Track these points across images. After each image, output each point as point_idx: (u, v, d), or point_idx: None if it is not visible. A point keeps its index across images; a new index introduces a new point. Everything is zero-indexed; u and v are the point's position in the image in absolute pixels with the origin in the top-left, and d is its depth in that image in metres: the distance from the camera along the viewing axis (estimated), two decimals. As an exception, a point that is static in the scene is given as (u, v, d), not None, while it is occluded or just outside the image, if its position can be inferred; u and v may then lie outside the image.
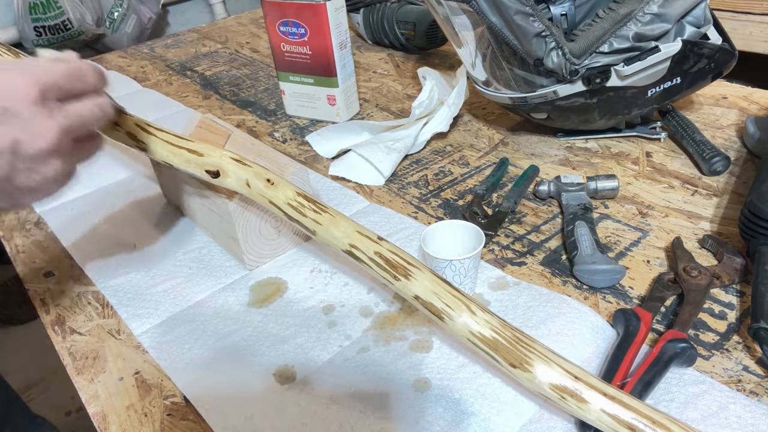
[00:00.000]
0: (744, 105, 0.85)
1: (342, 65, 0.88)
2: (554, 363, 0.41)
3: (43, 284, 0.63)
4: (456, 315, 0.45)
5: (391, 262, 0.48)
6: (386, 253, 0.49)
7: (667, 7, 0.66)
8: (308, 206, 0.53)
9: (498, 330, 0.43)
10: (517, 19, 0.66)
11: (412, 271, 0.47)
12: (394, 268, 0.48)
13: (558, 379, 0.41)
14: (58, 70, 0.41)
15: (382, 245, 0.49)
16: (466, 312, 0.44)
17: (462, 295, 0.46)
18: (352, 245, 0.50)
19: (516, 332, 0.44)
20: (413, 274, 0.47)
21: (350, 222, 0.52)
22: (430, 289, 0.46)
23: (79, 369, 0.52)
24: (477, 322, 0.44)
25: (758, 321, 0.46)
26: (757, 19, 1.36)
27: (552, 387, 0.41)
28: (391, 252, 0.49)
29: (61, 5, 1.83)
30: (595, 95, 0.71)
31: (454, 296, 0.46)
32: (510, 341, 0.43)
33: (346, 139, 0.84)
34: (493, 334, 0.43)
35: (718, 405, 0.43)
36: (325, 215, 0.52)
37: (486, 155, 0.80)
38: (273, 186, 0.54)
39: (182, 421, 0.47)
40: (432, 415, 0.45)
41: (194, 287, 0.60)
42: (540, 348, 0.43)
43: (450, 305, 0.45)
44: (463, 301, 0.45)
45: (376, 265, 0.49)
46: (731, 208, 0.65)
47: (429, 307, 0.46)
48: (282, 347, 0.52)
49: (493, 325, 0.44)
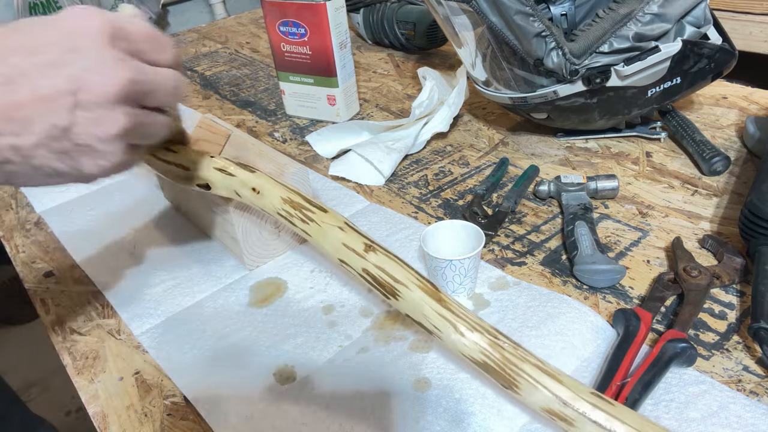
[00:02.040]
0: (744, 105, 0.85)
1: (342, 65, 0.88)
2: (541, 387, 0.40)
3: (43, 284, 0.63)
4: (445, 336, 0.44)
5: (378, 280, 0.46)
6: (372, 269, 0.46)
7: (667, 7, 0.66)
8: (296, 215, 0.50)
9: (487, 353, 0.42)
10: (517, 19, 0.66)
11: (398, 289, 0.45)
12: (382, 286, 0.46)
13: (546, 403, 0.40)
14: (139, 25, 0.38)
15: (368, 260, 0.46)
16: (454, 334, 0.43)
17: (452, 313, 0.44)
18: (342, 260, 0.48)
19: (506, 352, 0.42)
20: (400, 293, 0.45)
21: (337, 232, 0.48)
22: (418, 310, 0.45)
23: (79, 369, 0.52)
24: (466, 344, 0.43)
25: (758, 321, 0.46)
26: (757, 19, 1.36)
27: (541, 409, 0.41)
28: (378, 268, 0.46)
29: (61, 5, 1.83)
30: (595, 95, 0.71)
31: (442, 316, 0.44)
32: (499, 364, 0.42)
33: (346, 139, 0.84)
34: (483, 357, 0.42)
35: (718, 405, 0.43)
36: (312, 225, 0.49)
37: (486, 155, 0.80)
38: (259, 195, 0.52)
39: (182, 421, 0.47)
40: (432, 415, 0.45)
41: (194, 287, 0.60)
42: (530, 370, 0.41)
43: (438, 327, 0.44)
44: (451, 322, 0.43)
45: (366, 281, 0.47)
46: (731, 208, 0.65)
47: (421, 325, 0.45)
48: (282, 347, 0.52)
49: (481, 347, 0.42)
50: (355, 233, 0.48)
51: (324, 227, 0.49)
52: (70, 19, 0.36)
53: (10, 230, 0.73)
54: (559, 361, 0.48)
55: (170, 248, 0.66)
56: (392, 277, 0.46)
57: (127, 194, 0.77)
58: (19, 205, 0.78)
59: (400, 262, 0.47)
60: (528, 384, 0.40)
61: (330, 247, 0.49)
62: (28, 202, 0.78)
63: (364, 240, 0.48)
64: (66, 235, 0.70)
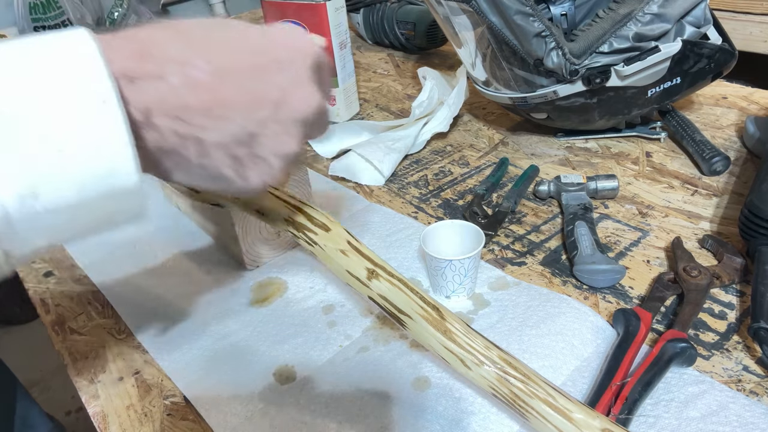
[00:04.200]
0: (744, 105, 0.85)
1: (342, 65, 0.88)
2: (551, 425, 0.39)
3: (43, 284, 0.63)
4: (454, 367, 0.44)
5: (384, 308, 0.46)
6: (377, 298, 0.46)
7: (667, 7, 0.66)
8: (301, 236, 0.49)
9: (495, 387, 0.42)
10: (517, 19, 0.66)
11: (404, 320, 0.45)
12: (389, 313, 0.46)
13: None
14: (326, 56, 0.39)
15: (372, 289, 0.45)
16: (462, 367, 0.43)
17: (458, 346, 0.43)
18: (348, 283, 0.48)
19: (514, 388, 0.41)
20: (406, 324, 0.45)
21: (340, 257, 0.47)
22: (425, 341, 0.45)
23: (79, 369, 0.52)
24: (473, 378, 0.43)
25: (758, 321, 0.46)
26: (757, 19, 1.36)
27: None
28: (381, 297, 0.45)
29: (61, 5, 1.83)
30: (595, 95, 0.71)
31: (448, 349, 0.43)
32: (508, 399, 0.41)
33: (346, 139, 0.84)
34: (492, 391, 0.42)
35: (718, 404, 0.43)
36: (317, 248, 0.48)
37: (486, 155, 0.80)
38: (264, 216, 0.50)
39: (182, 421, 0.47)
40: (432, 414, 0.45)
41: (194, 287, 0.60)
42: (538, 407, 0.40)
43: (445, 358, 0.44)
44: (457, 356, 0.43)
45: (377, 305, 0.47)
46: (731, 208, 0.65)
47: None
48: (282, 347, 0.52)
49: (490, 382, 0.42)
50: (357, 256, 0.47)
51: (327, 251, 0.48)
52: (285, 34, 0.36)
53: (10, 230, 0.73)
54: (558, 361, 0.48)
55: (170, 248, 0.66)
56: (396, 308, 0.45)
57: (127, 194, 0.77)
58: (19, 205, 0.78)
59: (404, 288, 0.45)
60: (537, 421, 0.40)
61: (335, 271, 0.48)
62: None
63: (367, 264, 0.46)
64: (66, 235, 0.70)
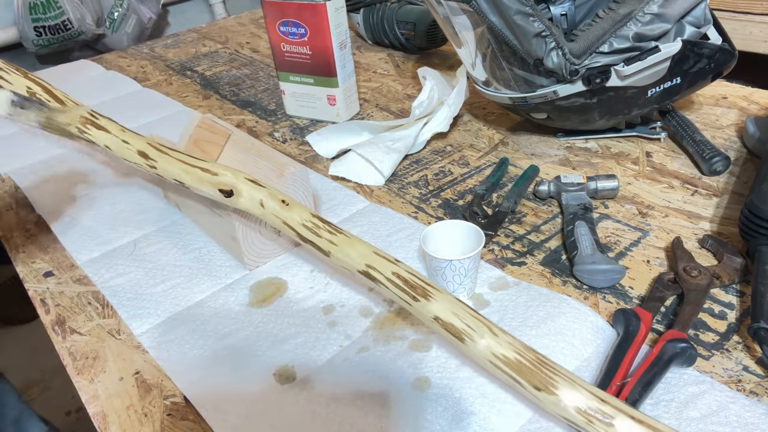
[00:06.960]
0: (744, 105, 0.85)
1: (342, 65, 0.88)
2: (580, 386, 0.40)
3: (43, 284, 0.63)
4: (477, 336, 0.44)
5: (409, 283, 0.48)
6: (404, 273, 0.49)
7: (667, 7, 0.66)
8: (323, 227, 0.53)
9: (521, 352, 0.42)
10: (517, 19, 0.66)
11: (431, 291, 0.47)
12: (413, 288, 0.47)
13: (584, 402, 0.40)
14: None
15: (399, 266, 0.49)
16: (488, 333, 0.43)
17: (482, 317, 0.45)
18: (369, 266, 0.50)
19: (539, 354, 0.43)
20: (432, 294, 0.47)
21: (366, 243, 0.52)
22: (450, 310, 0.45)
23: (79, 369, 0.52)
24: (499, 343, 0.43)
25: (758, 321, 0.46)
26: (757, 19, 1.36)
27: (578, 410, 0.40)
28: (410, 273, 0.49)
29: (61, 5, 1.83)
30: (595, 95, 0.71)
31: (475, 317, 0.45)
32: (534, 363, 0.42)
33: (346, 139, 0.84)
34: (517, 356, 0.42)
35: (718, 405, 0.43)
36: (341, 236, 0.52)
37: (486, 155, 0.80)
38: (288, 207, 0.54)
39: (182, 421, 0.47)
40: (432, 414, 0.45)
41: (194, 287, 0.60)
42: (564, 371, 0.42)
43: (471, 326, 0.44)
44: (484, 323, 0.44)
45: (393, 285, 0.48)
46: (731, 208, 0.65)
47: (449, 328, 0.45)
48: (282, 347, 0.52)
49: (515, 347, 0.43)
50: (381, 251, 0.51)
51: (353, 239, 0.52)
52: None
53: (10, 230, 0.73)
54: (558, 361, 0.48)
55: (170, 248, 0.66)
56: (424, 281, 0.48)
57: (127, 195, 0.77)
58: (19, 205, 0.78)
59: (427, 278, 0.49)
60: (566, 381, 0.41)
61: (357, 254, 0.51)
62: (28, 202, 0.78)
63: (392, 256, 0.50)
64: (66, 235, 0.70)
